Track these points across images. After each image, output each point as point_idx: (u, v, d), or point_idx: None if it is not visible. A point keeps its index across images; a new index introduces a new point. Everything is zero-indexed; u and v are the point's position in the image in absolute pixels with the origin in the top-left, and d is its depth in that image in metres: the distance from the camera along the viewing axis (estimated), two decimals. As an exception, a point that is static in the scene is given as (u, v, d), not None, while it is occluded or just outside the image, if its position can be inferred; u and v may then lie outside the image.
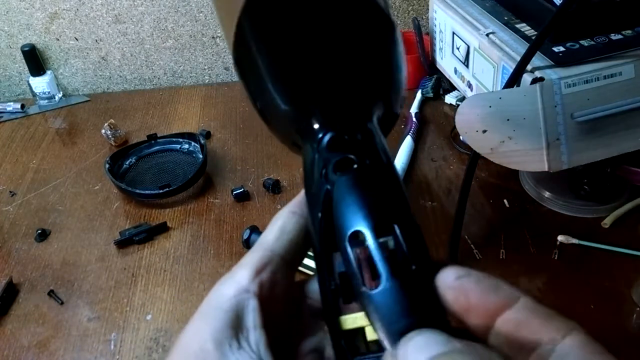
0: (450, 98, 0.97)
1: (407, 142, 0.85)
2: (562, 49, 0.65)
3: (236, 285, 0.25)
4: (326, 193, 0.24)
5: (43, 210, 0.81)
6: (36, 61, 1.04)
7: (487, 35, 0.74)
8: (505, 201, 0.76)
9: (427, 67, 0.98)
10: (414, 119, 0.91)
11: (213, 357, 0.23)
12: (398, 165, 0.81)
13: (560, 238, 0.69)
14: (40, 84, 1.04)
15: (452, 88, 0.96)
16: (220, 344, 0.23)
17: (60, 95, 1.08)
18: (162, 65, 1.10)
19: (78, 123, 1.01)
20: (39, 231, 0.76)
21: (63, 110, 1.05)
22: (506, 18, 0.76)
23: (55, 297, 0.67)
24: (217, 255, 0.72)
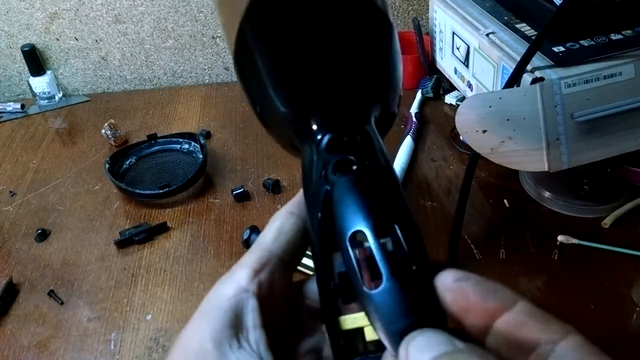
0: (450, 98, 0.97)
1: (407, 142, 0.85)
2: (562, 49, 0.65)
3: (235, 285, 0.25)
4: (326, 194, 0.24)
5: (43, 210, 0.81)
6: (36, 61, 1.04)
7: (487, 35, 0.74)
8: (505, 201, 0.76)
9: (427, 67, 0.98)
10: (414, 119, 0.91)
11: (213, 357, 0.22)
12: (398, 165, 0.81)
13: (560, 238, 0.69)
14: (40, 84, 1.04)
15: (452, 88, 0.96)
16: (220, 344, 0.23)
17: (60, 95, 1.08)
18: (162, 65, 1.10)
19: (78, 123, 1.01)
20: (39, 231, 0.76)
21: (63, 110, 1.05)
22: (506, 18, 0.76)
23: (55, 297, 0.67)
24: (217, 255, 0.72)
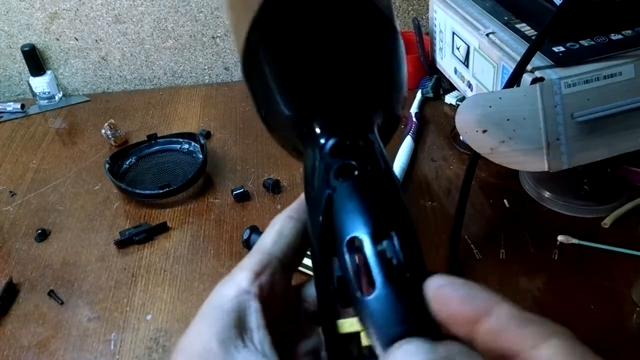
0: (450, 98, 0.97)
1: (407, 142, 0.85)
2: (562, 49, 0.65)
3: (237, 287, 0.25)
4: (327, 198, 0.24)
5: (43, 210, 0.81)
6: (36, 61, 1.04)
7: (487, 35, 0.74)
8: (505, 201, 0.76)
9: (427, 67, 0.98)
10: (414, 119, 0.91)
11: (218, 356, 0.22)
12: (398, 165, 0.81)
13: (560, 238, 0.69)
14: (40, 84, 1.04)
15: (452, 88, 0.96)
16: (224, 344, 0.23)
17: (60, 95, 1.08)
18: (162, 65, 1.10)
19: (78, 123, 1.01)
20: (39, 231, 0.76)
21: (63, 110, 1.05)
22: (506, 18, 0.76)
23: (55, 297, 0.67)
24: (217, 255, 0.72)
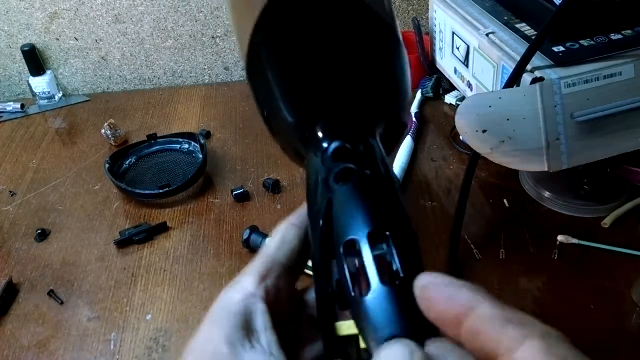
0: (450, 98, 0.97)
1: (407, 142, 0.85)
2: (562, 49, 0.65)
3: (243, 290, 0.25)
4: (328, 202, 0.24)
5: (43, 210, 0.81)
6: (36, 61, 1.04)
7: (487, 35, 0.74)
8: (505, 201, 0.76)
9: (427, 67, 0.98)
10: (414, 119, 0.91)
11: (226, 358, 0.23)
12: (398, 165, 0.81)
13: (560, 238, 0.69)
14: (40, 84, 1.04)
15: (452, 88, 0.96)
16: (233, 346, 0.23)
17: (60, 95, 1.08)
18: (162, 65, 1.10)
19: (78, 123, 1.01)
20: (39, 231, 0.76)
21: (63, 110, 1.05)
22: (506, 18, 0.76)
23: (55, 297, 0.67)
24: (217, 255, 0.72)
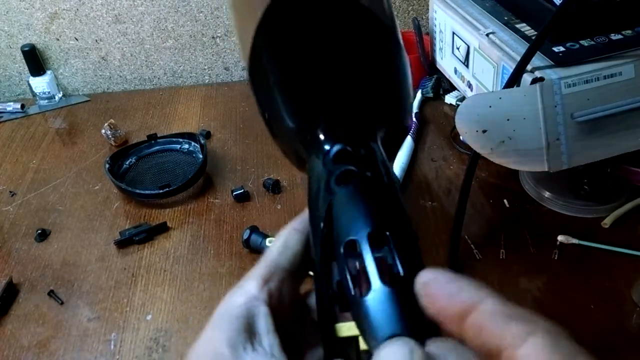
0: (450, 98, 0.97)
1: (407, 142, 0.85)
2: (562, 49, 0.65)
3: (246, 294, 0.25)
4: (328, 203, 0.25)
5: (43, 210, 0.81)
6: (36, 61, 1.04)
7: (487, 35, 0.74)
8: (505, 201, 0.76)
9: (427, 67, 0.98)
10: (414, 119, 0.91)
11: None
12: (398, 165, 0.81)
13: (560, 238, 0.69)
14: (40, 84, 1.04)
15: (452, 88, 0.96)
16: (235, 348, 0.23)
17: (60, 95, 1.08)
18: (162, 65, 1.10)
19: (78, 123, 1.01)
20: (39, 231, 0.76)
21: (63, 110, 1.05)
22: (506, 18, 0.76)
23: (55, 297, 0.67)
24: (217, 255, 0.72)
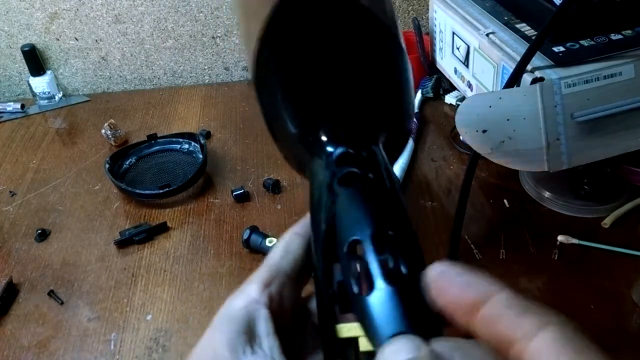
0: (450, 98, 0.97)
1: (407, 142, 0.85)
2: (562, 49, 0.65)
3: (246, 297, 0.25)
4: (331, 204, 0.25)
5: (43, 210, 0.81)
6: (36, 61, 1.04)
7: (487, 35, 0.74)
8: (505, 201, 0.76)
9: (427, 67, 0.98)
10: (414, 119, 0.91)
11: None
12: (398, 165, 0.81)
13: (560, 238, 0.69)
14: (40, 84, 1.04)
15: (452, 88, 0.96)
16: (234, 350, 0.23)
17: (60, 95, 1.08)
18: (162, 65, 1.10)
19: (78, 123, 1.01)
20: (39, 231, 0.76)
21: (63, 110, 1.05)
22: (506, 18, 0.76)
23: (55, 297, 0.67)
24: (217, 255, 0.72)
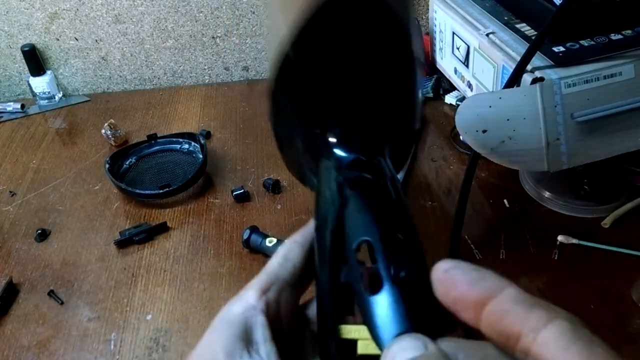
0: (450, 98, 0.97)
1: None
2: (562, 49, 0.65)
3: (244, 303, 0.26)
4: (341, 206, 0.26)
5: (43, 210, 0.81)
6: (36, 61, 1.04)
7: (487, 35, 0.74)
8: (505, 201, 0.76)
9: (427, 67, 0.98)
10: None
11: None
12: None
13: (560, 238, 0.69)
14: (40, 84, 1.04)
15: (452, 88, 0.96)
16: (231, 355, 0.23)
17: (60, 95, 1.08)
18: (162, 65, 1.10)
19: (78, 123, 1.01)
20: (39, 231, 0.76)
21: (63, 110, 1.05)
22: (506, 18, 0.76)
23: (55, 297, 0.67)
24: (217, 255, 0.72)
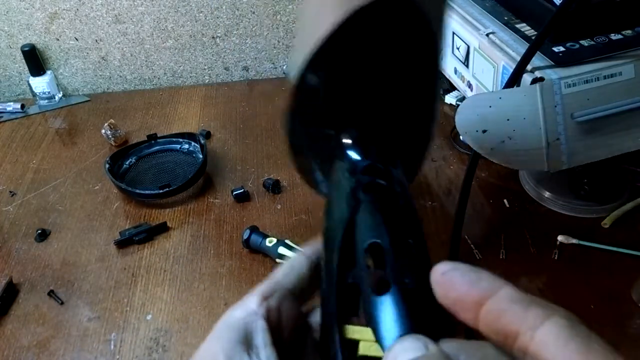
0: (450, 98, 0.97)
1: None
2: (562, 49, 0.65)
3: (245, 308, 0.26)
4: (353, 209, 0.27)
5: (43, 210, 0.81)
6: (36, 61, 1.04)
7: (487, 35, 0.74)
8: (505, 201, 0.76)
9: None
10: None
11: None
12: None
13: (560, 238, 0.69)
14: (40, 84, 1.04)
15: (452, 88, 0.96)
16: (231, 358, 0.24)
17: (60, 95, 1.08)
18: (162, 65, 1.10)
19: (78, 123, 1.01)
20: (39, 231, 0.76)
21: (63, 110, 1.05)
22: (506, 18, 0.76)
23: (55, 297, 0.67)
24: (217, 255, 0.72)
